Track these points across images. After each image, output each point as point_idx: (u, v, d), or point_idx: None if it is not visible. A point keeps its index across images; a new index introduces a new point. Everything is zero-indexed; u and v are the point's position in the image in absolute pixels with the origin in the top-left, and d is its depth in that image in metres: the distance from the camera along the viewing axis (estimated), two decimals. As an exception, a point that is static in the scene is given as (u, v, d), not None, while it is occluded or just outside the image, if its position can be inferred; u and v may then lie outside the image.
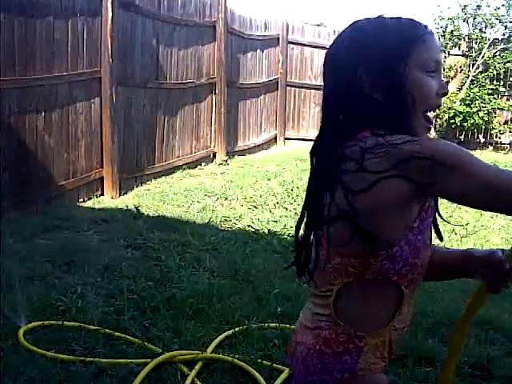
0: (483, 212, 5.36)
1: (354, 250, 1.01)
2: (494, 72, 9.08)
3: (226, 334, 2.64)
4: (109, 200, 5.26)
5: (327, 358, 1.06)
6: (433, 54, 1.06)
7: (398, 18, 1.09)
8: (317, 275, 1.08)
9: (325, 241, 1.05)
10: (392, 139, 0.97)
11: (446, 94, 1.08)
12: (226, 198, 5.48)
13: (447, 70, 9.37)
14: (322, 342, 1.07)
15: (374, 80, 1.03)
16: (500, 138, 9.42)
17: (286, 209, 5.19)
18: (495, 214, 5.43)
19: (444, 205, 1.18)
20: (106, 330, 2.61)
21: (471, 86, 9.11)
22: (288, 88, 9.16)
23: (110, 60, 5.18)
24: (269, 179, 6.20)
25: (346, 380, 1.06)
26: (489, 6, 9.24)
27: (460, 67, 9.33)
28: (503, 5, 9.21)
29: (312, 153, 1.09)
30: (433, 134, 9.17)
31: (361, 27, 1.08)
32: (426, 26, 1.09)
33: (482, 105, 8.93)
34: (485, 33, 9.32)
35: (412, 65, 1.03)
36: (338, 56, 1.07)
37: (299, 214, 1.11)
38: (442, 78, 1.09)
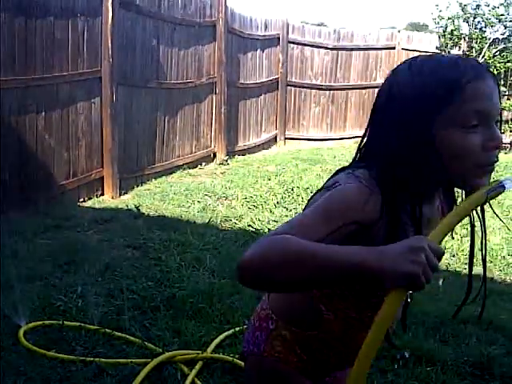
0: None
1: None
2: (495, 72, 9.07)
3: (226, 333, 2.64)
4: (109, 200, 5.26)
5: (249, 328, 1.19)
6: (475, 106, 0.93)
7: (443, 59, 0.98)
8: None
9: None
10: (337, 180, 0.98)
11: (497, 146, 0.96)
12: (226, 198, 5.48)
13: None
14: (254, 314, 1.19)
15: (396, 133, 0.95)
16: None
17: (287, 209, 5.19)
18: (495, 213, 5.41)
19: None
20: (107, 330, 2.61)
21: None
22: (288, 88, 9.16)
23: (111, 60, 5.19)
24: (269, 179, 6.20)
25: (254, 354, 1.15)
26: (488, 5, 9.24)
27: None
28: (502, 4, 9.21)
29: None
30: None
31: (402, 70, 0.99)
32: (474, 68, 0.95)
33: (482, 104, 8.93)
34: (485, 32, 9.31)
35: (444, 121, 0.93)
36: (380, 93, 1.02)
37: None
38: (494, 128, 0.96)
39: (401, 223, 0.97)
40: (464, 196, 1.05)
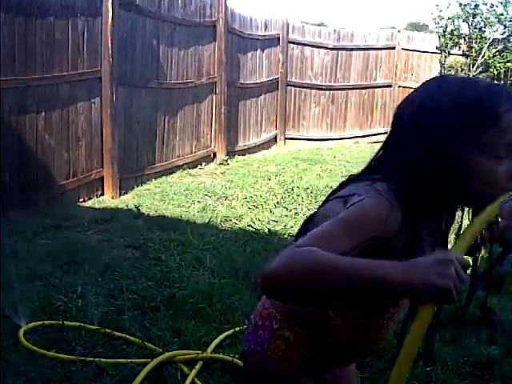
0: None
1: None
2: (495, 72, 9.07)
3: (226, 333, 2.64)
4: (109, 200, 5.26)
5: (251, 327, 1.17)
6: (506, 138, 0.93)
7: (479, 84, 0.96)
8: None
9: None
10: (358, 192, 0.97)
11: None
12: (226, 198, 5.48)
13: (448, 70, 9.36)
14: (256, 312, 1.18)
15: (419, 153, 0.95)
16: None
17: (287, 208, 5.19)
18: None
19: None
20: (107, 330, 2.61)
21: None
22: (288, 88, 9.16)
23: (111, 60, 5.18)
24: (269, 179, 6.20)
25: (256, 353, 1.15)
26: (486, 5, 9.24)
27: (460, 67, 9.32)
28: (501, 3, 9.20)
29: None
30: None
31: (437, 88, 0.98)
32: (507, 94, 0.94)
33: (482, 104, 8.93)
34: (484, 32, 9.31)
35: (476, 148, 0.93)
36: (406, 108, 1.00)
37: (299, 213, 1.13)
38: None
39: (419, 238, 0.97)
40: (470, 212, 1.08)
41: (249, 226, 4.62)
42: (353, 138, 9.27)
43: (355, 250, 0.90)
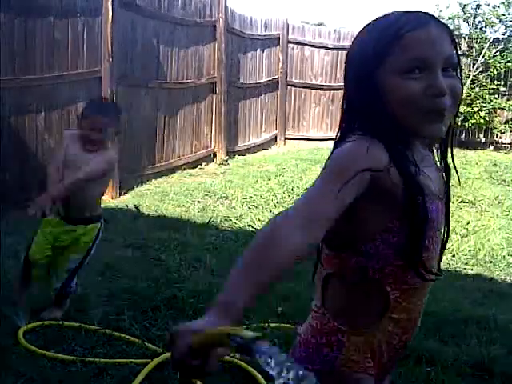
0: (483, 212, 5.36)
1: (332, 241, 1.04)
2: (495, 72, 9.07)
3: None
4: (109, 200, 5.25)
5: (311, 347, 1.08)
6: (413, 53, 0.96)
7: (389, 15, 1.03)
8: (318, 268, 1.11)
9: None
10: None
11: (438, 93, 0.97)
12: (227, 198, 5.48)
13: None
14: (309, 331, 1.09)
15: (355, 88, 1.02)
16: (501, 137, 9.42)
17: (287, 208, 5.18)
18: (495, 213, 5.43)
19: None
20: (106, 330, 2.61)
21: (472, 86, 9.11)
22: (288, 88, 9.16)
23: (111, 60, 5.19)
24: (269, 179, 6.20)
25: (326, 373, 1.05)
26: (488, 5, 9.23)
27: (460, 67, 9.32)
28: (502, 3, 9.20)
29: None
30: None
31: (361, 29, 1.06)
32: (415, 19, 0.98)
33: (482, 104, 8.92)
34: (485, 32, 9.31)
35: (387, 69, 0.97)
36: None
37: None
38: (437, 75, 0.97)
39: (413, 166, 0.99)
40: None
41: (249, 225, 4.62)
42: (353, 137, 9.25)
43: (349, 188, 0.91)
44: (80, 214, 2.66)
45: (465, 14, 9.29)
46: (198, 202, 5.29)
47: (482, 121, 8.91)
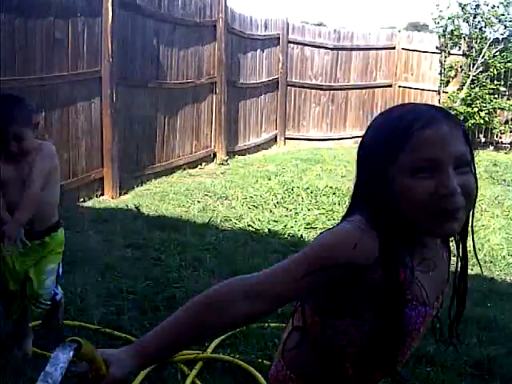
0: (483, 212, 5.35)
1: (309, 301, 1.05)
2: (495, 72, 9.07)
3: (226, 333, 2.64)
4: (109, 200, 5.26)
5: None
6: (422, 153, 0.93)
7: (395, 110, 1.01)
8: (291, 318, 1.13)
9: None
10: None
11: (448, 194, 0.93)
12: (226, 198, 5.48)
13: (448, 70, 9.36)
14: (270, 375, 1.14)
15: (367, 182, 1.00)
16: (501, 137, 9.42)
17: (287, 209, 5.19)
18: (495, 213, 5.43)
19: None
20: (107, 330, 2.62)
21: (472, 86, 9.11)
22: (288, 88, 9.16)
23: (111, 60, 5.18)
24: (269, 179, 6.20)
25: None
26: (487, 5, 9.23)
27: (460, 67, 9.32)
28: (502, 3, 9.20)
29: None
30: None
31: (373, 121, 1.04)
32: (424, 116, 0.95)
33: (482, 105, 8.92)
34: (485, 32, 9.31)
35: (397, 170, 0.95)
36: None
37: (299, 213, 1.12)
38: (449, 175, 0.93)
39: (401, 264, 0.97)
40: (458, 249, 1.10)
41: (249, 225, 4.62)
42: (353, 137, 9.26)
43: (308, 280, 0.92)
44: (42, 225, 2.34)
45: (464, 13, 9.29)
46: (198, 201, 5.29)
47: (482, 121, 8.91)
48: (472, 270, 4.29)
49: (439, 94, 9.41)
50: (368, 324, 0.98)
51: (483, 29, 9.27)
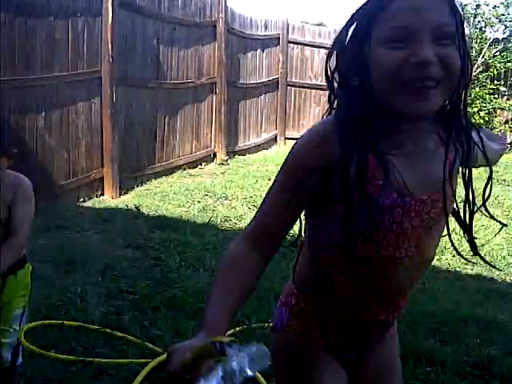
0: (484, 212, 5.34)
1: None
2: (495, 72, 9.07)
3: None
4: (109, 200, 5.26)
5: (278, 304, 1.17)
6: (395, 21, 0.89)
7: None
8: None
9: None
10: None
11: (420, 62, 0.88)
12: (227, 198, 5.47)
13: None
14: (284, 290, 1.18)
15: (349, 67, 0.96)
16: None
17: (287, 209, 5.18)
18: (495, 213, 5.42)
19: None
20: (107, 330, 2.61)
21: (472, 86, 9.11)
22: (288, 88, 9.16)
23: (111, 60, 5.18)
24: (269, 179, 6.20)
25: (278, 329, 1.14)
26: (487, 5, 9.24)
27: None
28: (502, 3, 9.20)
29: None
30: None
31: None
32: None
33: (482, 104, 8.92)
34: (485, 32, 9.31)
35: (374, 42, 0.92)
36: None
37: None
38: (422, 44, 0.88)
39: (369, 149, 0.94)
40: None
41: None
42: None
43: (294, 200, 0.95)
44: None
45: (464, 13, 9.28)
46: (198, 201, 5.29)
47: (482, 121, 8.90)
48: (472, 270, 4.28)
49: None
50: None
51: (483, 29, 9.27)
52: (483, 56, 9.04)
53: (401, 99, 0.91)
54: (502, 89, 9.26)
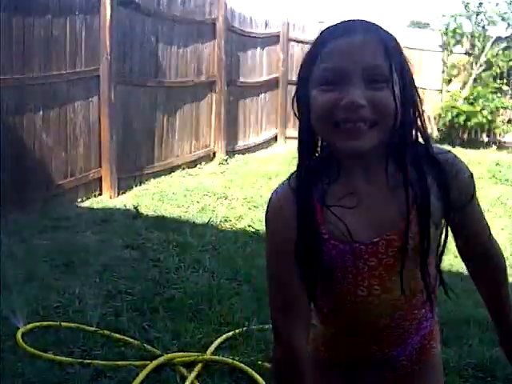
0: (486, 212, 5.31)
1: None
2: (498, 70, 9.03)
3: (226, 335, 2.62)
4: (107, 200, 5.23)
5: None
6: (326, 64, 0.92)
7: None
8: None
9: None
10: None
11: (347, 105, 0.89)
12: (226, 198, 5.44)
13: (450, 69, 9.32)
14: None
15: (298, 106, 1.00)
16: (504, 136, 9.37)
17: (287, 208, 5.16)
18: (498, 213, 5.39)
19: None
20: (105, 332, 2.59)
21: (474, 85, 9.08)
22: (289, 86, 9.11)
23: (109, 58, 5.15)
24: (269, 178, 6.17)
25: None
26: (490, 3, 9.20)
27: (463, 65, 9.28)
28: (505, 1, 9.16)
29: None
30: (435, 134, 9.13)
31: None
32: (335, 30, 0.93)
33: (485, 103, 8.88)
34: (487, 30, 9.28)
35: (311, 83, 0.95)
36: None
37: None
38: (352, 87, 0.89)
39: (317, 201, 0.98)
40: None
41: (249, 226, 4.59)
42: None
43: (289, 269, 0.98)
44: None
45: (467, 12, 9.25)
46: (198, 202, 5.26)
47: (485, 120, 8.87)
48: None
49: (441, 92, 9.37)
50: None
51: (486, 27, 9.23)
52: (486, 54, 9.01)
53: (336, 137, 0.93)
54: (505, 88, 9.22)
